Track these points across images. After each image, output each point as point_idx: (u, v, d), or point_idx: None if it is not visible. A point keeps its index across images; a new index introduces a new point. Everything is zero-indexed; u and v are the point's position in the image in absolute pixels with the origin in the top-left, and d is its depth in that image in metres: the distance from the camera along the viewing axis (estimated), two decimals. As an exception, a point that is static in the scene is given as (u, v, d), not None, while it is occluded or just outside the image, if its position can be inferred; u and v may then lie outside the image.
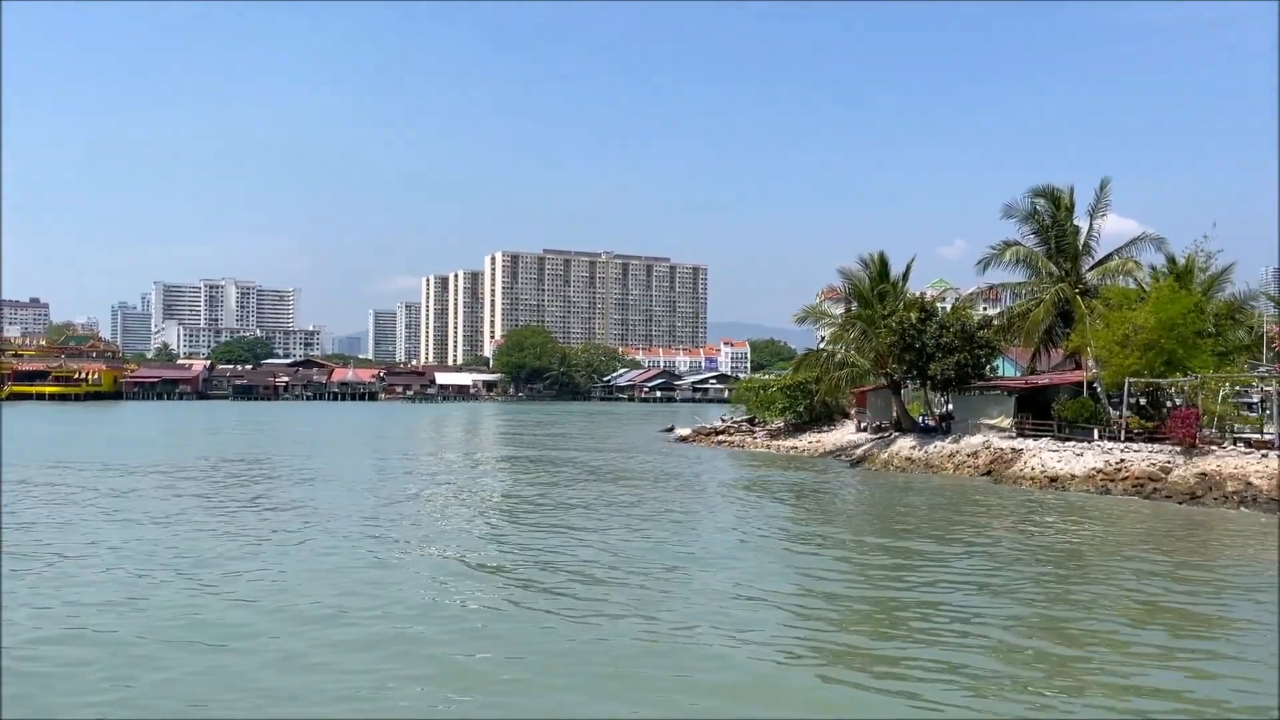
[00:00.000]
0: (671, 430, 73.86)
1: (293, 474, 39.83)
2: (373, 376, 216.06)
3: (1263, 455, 32.04)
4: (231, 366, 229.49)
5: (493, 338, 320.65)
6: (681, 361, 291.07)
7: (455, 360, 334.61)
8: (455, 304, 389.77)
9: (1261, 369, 38.74)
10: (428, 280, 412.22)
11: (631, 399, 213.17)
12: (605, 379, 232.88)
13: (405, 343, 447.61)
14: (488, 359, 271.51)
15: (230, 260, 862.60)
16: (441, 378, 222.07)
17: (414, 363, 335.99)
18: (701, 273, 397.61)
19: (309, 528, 24.75)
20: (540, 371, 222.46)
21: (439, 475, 40.94)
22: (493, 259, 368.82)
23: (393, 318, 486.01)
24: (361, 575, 18.85)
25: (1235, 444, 34.30)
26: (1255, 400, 42.55)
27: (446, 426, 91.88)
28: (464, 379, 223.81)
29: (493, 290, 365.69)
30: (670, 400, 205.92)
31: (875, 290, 50.10)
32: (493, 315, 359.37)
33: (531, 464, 46.86)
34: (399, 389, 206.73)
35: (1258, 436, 35.08)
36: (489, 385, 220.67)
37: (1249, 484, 30.79)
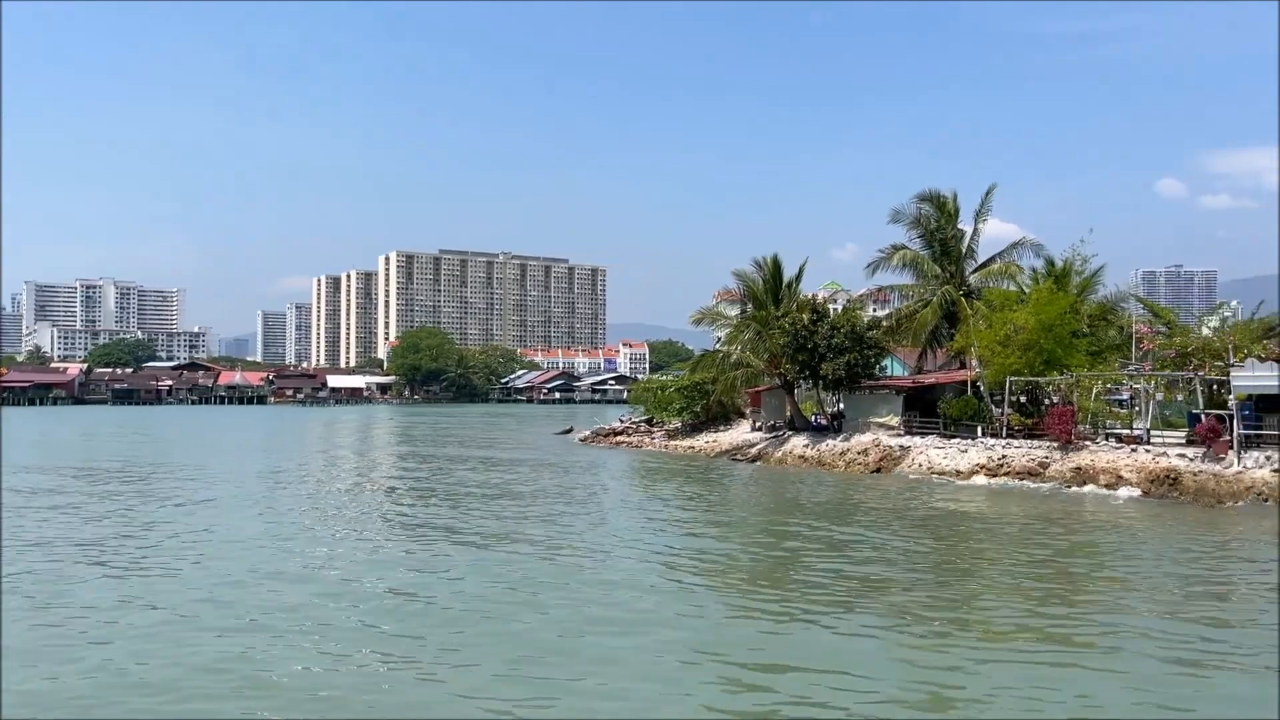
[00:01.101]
0: (570, 432, 73.66)
1: (161, 488, 38.26)
2: (261, 379, 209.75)
3: (1132, 450, 33.63)
4: (110, 370, 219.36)
5: (387, 339, 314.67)
6: (581, 363, 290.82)
7: (348, 363, 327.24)
8: (348, 305, 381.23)
9: (1131, 367, 40.64)
10: (319, 281, 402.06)
11: (530, 400, 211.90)
12: (504, 381, 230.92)
13: (296, 345, 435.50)
14: (382, 361, 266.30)
15: (110, 261, 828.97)
16: (334, 380, 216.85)
17: (305, 365, 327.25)
18: (600, 274, 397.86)
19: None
20: (437, 374, 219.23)
21: (322, 493, 39.83)
22: (387, 259, 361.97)
23: (282, 319, 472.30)
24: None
25: (1107, 439, 35.91)
26: (1125, 397, 44.66)
27: (337, 431, 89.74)
28: (358, 381, 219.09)
29: (387, 291, 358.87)
30: (570, 401, 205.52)
31: (769, 292, 51.02)
32: (387, 316, 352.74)
33: (424, 472, 46.03)
34: (289, 392, 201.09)
35: (1127, 432, 36.82)
36: (384, 388, 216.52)
37: (1120, 477, 32.27)
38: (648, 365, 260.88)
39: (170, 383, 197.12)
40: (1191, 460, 31.49)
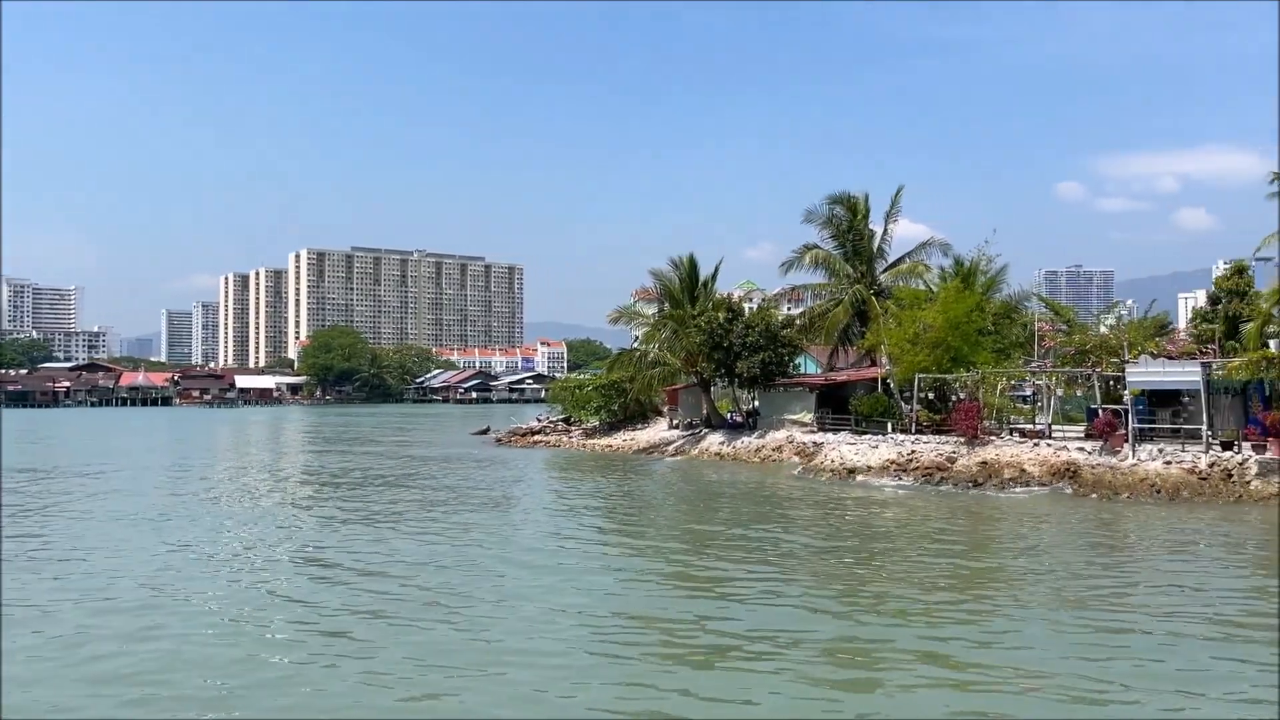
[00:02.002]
0: (487, 431, 73.03)
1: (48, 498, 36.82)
2: (166, 380, 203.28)
3: (1034, 444, 34.77)
4: (3, 371, 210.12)
5: (298, 339, 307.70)
6: (498, 362, 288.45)
7: (258, 363, 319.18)
8: (257, 303, 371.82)
9: (1033, 364, 42.02)
10: (227, 278, 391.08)
11: (446, 400, 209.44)
12: (419, 380, 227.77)
13: (203, 345, 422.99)
14: (293, 361, 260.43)
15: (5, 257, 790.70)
16: (243, 381, 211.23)
17: (212, 366, 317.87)
18: (518, 272, 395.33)
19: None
20: (349, 373, 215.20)
21: (226, 506, 38.71)
22: (297, 256, 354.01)
23: (188, 318, 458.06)
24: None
25: (1011, 434, 37.04)
26: (1028, 393, 46.21)
27: (245, 433, 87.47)
28: (267, 382, 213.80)
29: (298, 289, 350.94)
30: (486, 401, 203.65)
31: (685, 291, 51.47)
32: (298, 315, 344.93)
33: (333, 474, 45.18)
34: (195, 393, 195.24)
35: (1030, 427, 38.06)
36: (294, 388, 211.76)
37: (1023, 470, 33.33)
38: (566, 364, 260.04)
39: (68, 384, 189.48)
40: (1090, 454, 32.68)
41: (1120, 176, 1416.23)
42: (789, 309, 70.31)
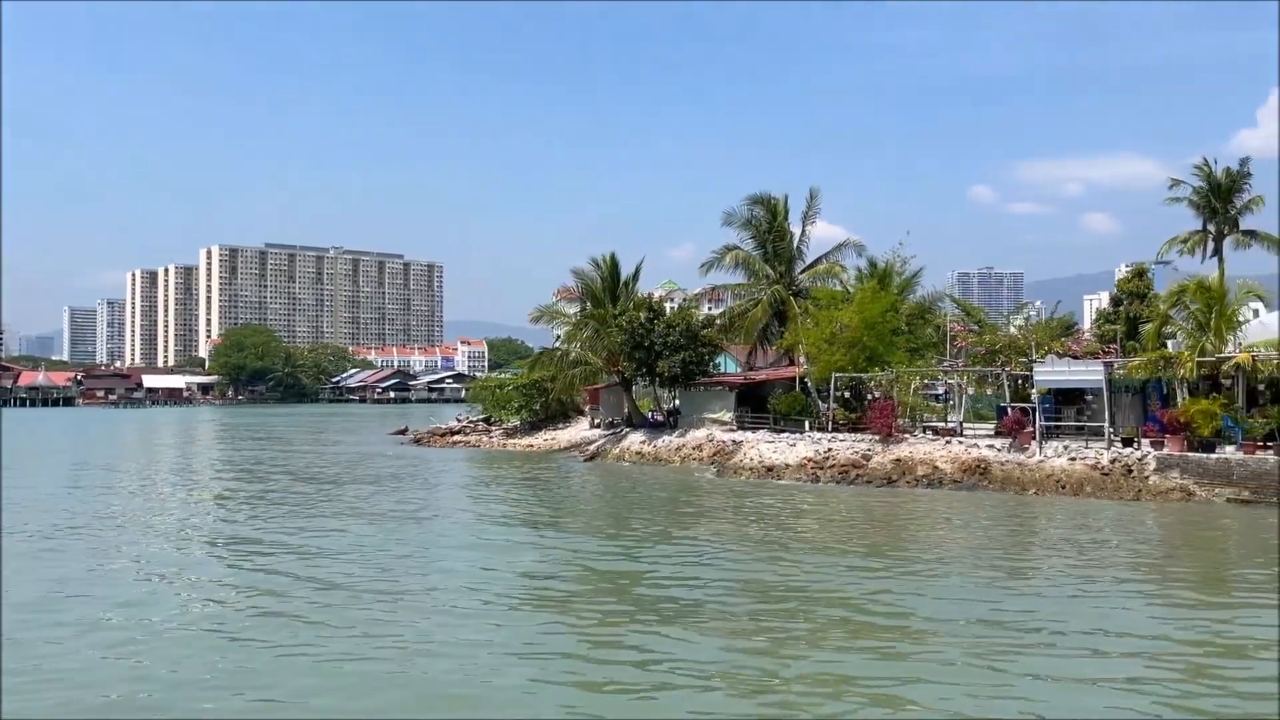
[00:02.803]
0: (405, 432, 72.05)
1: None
2: (68, 380, 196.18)
3: (946, 442, 35.65)
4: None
5: (209, 337, 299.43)
6: (417, 361, 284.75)
7: (167, 362, 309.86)
8: (166, 301, 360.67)
9: (945, 364, 43.08)
10: (134, 275, 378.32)
11: (364, 400, 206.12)
12: (335, 380, 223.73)
13: (108, 344, 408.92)
14: (204, 360, 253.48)
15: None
16: (150, 380, 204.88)
17: (118, 365, 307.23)
18: (437, 270, 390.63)
19: None
20: (263, 373, 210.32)
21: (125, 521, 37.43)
22: (209, 253, 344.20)
23: (93, 316, 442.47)
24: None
25: (924, 432, 37.93)
26: (941, 392, 47.37)
27: (150, 434, 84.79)
28: (176, 381, 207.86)
29: (209, 286, 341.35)
30: (405, 401, 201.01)
31: (607, 291, 51.57)
32: (209, 313, 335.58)
33: (241, 475, 44.10)
34: (100, 393, 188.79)
35: (943, 425, 39.03)
36: (205, 388, 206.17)
37: (936, 467, 34.15)
38: (487, 363, 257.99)
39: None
40: (999, 451, 33.63)
41: (1030, 181, 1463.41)
42: (709, 309, 70.95)
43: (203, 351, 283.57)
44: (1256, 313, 42.01)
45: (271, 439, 71.30)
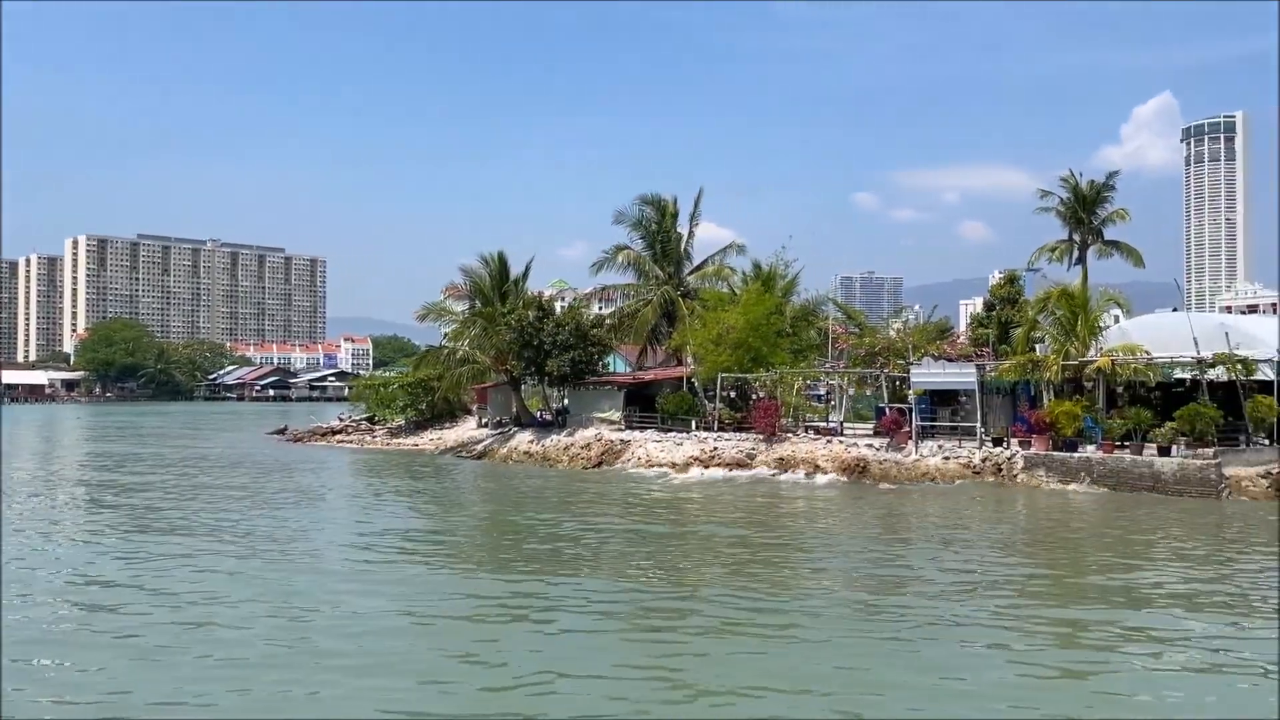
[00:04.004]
0: (284, 431, 69.96)
1: None
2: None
3: (828, 441, 36.56)
4: None
5: (75, 331, 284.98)
6: (298, 358, 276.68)
7: (28, 357, 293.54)
8: (27, 293, 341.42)
9: (827, 365, 44.17)
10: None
11: (241, 398, 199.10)
12: (211, 377, 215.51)
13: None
14: (69, 355, 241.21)
15: None
16: (10, 376, 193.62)
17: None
18: (320, 265, 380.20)
19: None
20: (133, 369, 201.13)
21: None
22: (74, 243, 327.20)
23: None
24: None
25: (807, 432, 38.81)
26: (822, 393, 48.54)
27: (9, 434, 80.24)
28: (38, 377, 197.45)
29: (75, 278, 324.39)
30: (285, 399, 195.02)
31: (496, 289, 51.20)
32: (75, 306, 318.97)
33: (107, 479, 42.14)
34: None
35: (824, 425, 40.01)
36: (70, 385, 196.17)
37: (817, 466, 34.97)
38: (372, 361, 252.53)
39: None
40: (878, 450, 34.65)
41: (911, 188, 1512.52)
42: (600, 308, 71.00)
43: (68, 346, 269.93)
44: (1117, 319, 44.41)
45: (139, 437, 68.28)
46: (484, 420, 54.33)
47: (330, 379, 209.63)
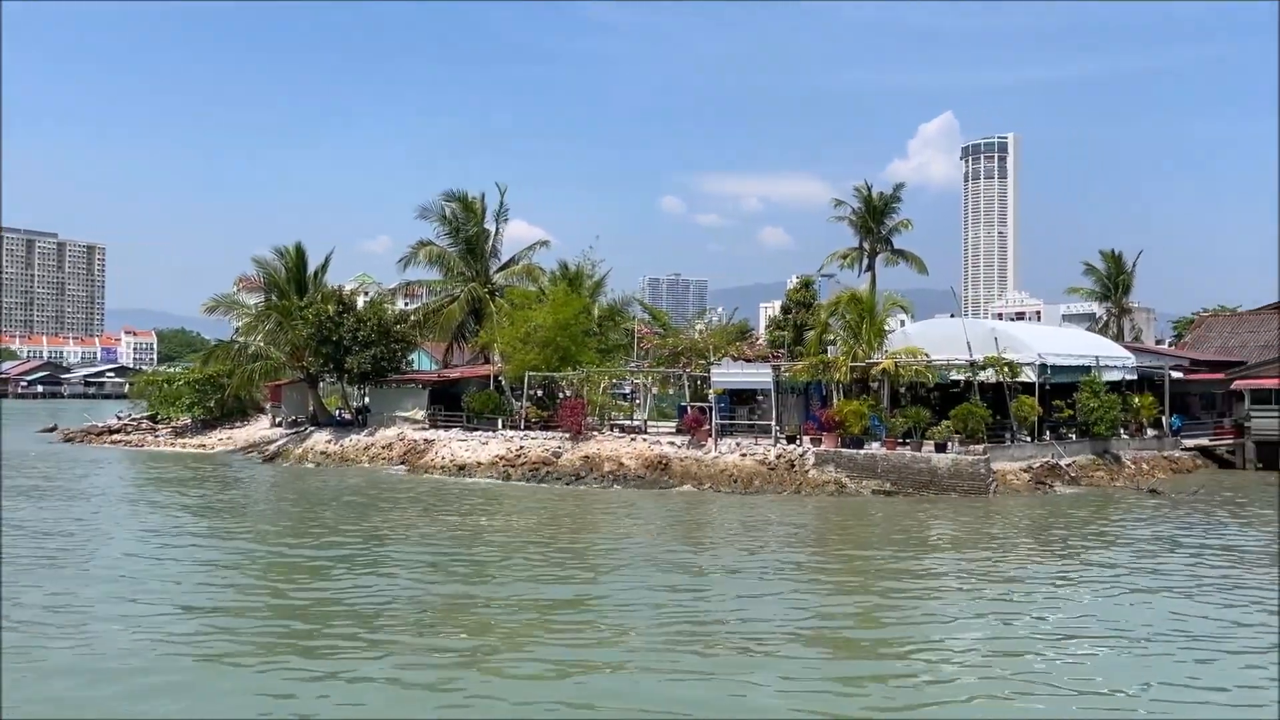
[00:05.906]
0: (54, 430, 64.56)
1: None
2: None
3: (632, 439, 37.10)
4: None
5: None
6: (72, 352, 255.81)
7: None
8: None
9: (633, 365, 44.86)
10: None
11: (6, 395, 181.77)
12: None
13: None
14: None
15: None
16: None
17: None
18: (98, 252, 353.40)
19: None
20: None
21: None
22: None
23: None
24: None
25: (612, 430, 39.25)
26: (628, 391, 49.28)
27: None
28: None
29: None
30: (57, 396, 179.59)
31: (292, 281, 49.18)
32: None
33: None
34: None
35: (629, 423, 40.59)
36: None
37: (621, 464, 35.40)
38: (156, 356, 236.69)
39: None
40: (680, 447, 35.42)
41: (715, 194, 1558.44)
42: (405, 304, 69.33)
43: None
44: (902, 323, 47.26)
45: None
46: (278, 419, 51.98)
47: (109, 374, 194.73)
